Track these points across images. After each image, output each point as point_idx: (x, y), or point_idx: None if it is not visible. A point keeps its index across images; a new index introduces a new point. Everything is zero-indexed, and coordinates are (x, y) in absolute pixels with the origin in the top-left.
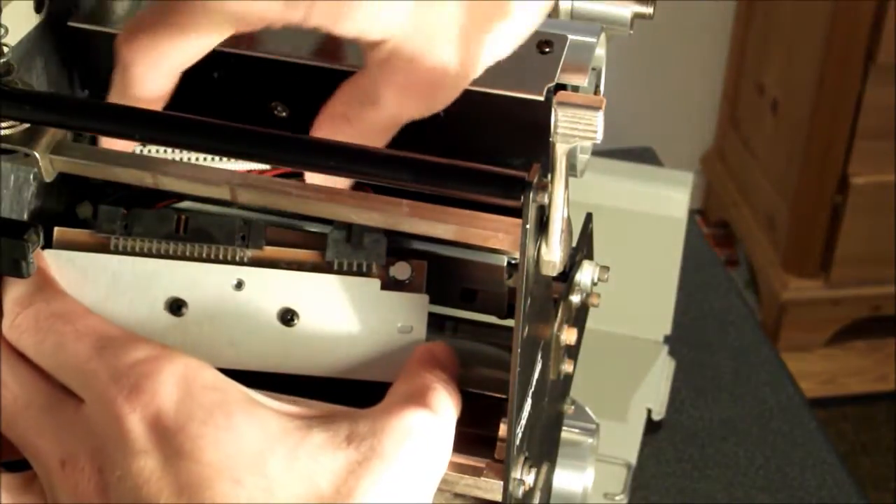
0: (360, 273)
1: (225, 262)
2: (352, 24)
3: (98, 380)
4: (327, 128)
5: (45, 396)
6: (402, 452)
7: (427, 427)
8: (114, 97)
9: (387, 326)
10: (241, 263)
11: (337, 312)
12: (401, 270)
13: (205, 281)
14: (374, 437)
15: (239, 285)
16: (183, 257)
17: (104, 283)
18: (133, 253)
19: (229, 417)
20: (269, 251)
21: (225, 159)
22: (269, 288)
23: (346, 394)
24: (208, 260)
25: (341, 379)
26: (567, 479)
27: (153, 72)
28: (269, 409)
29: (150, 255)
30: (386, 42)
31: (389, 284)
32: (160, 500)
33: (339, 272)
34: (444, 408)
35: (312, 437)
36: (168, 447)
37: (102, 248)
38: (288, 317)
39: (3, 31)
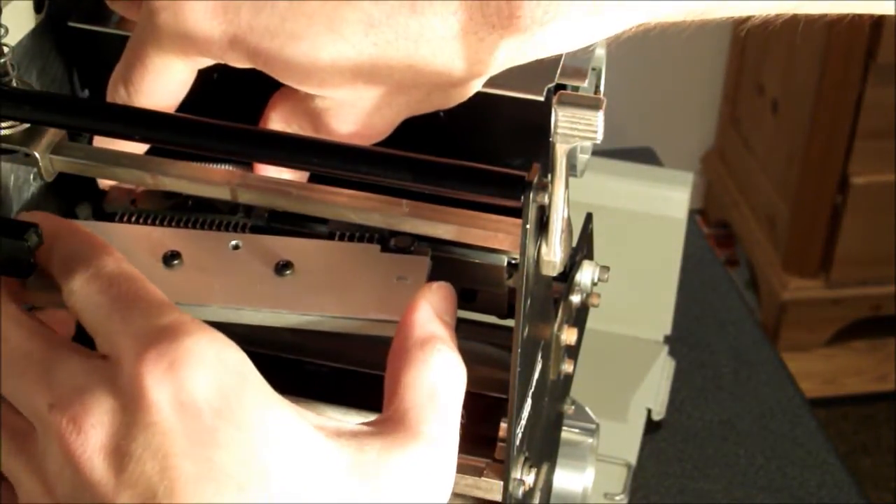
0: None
1: (226, 230)
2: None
3: (123, 344)
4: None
5: (41, 347)
6: (405, 496)
7: (431, 464)
8: None
9: (384, 278)
10: (242, 231)
11: (333, 269)
12: (402, 241)
13: (202, 241)
14: (376, 478)
15: (236, 247)
16: (186, 227)
17: None
18: (137, 222)
19: (244, 413)
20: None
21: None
22: (266, 248)
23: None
24: (210, 228)
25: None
26: (567, 479)
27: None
28: (282, 404)
29: (153, 224)
30: (337, 95)
31: (390, 251)
32: (163, 481)
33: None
34: (448, 435)
35: (318, 458)
36: (184, 429)
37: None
38: (282, 264)
39: (3, 31)
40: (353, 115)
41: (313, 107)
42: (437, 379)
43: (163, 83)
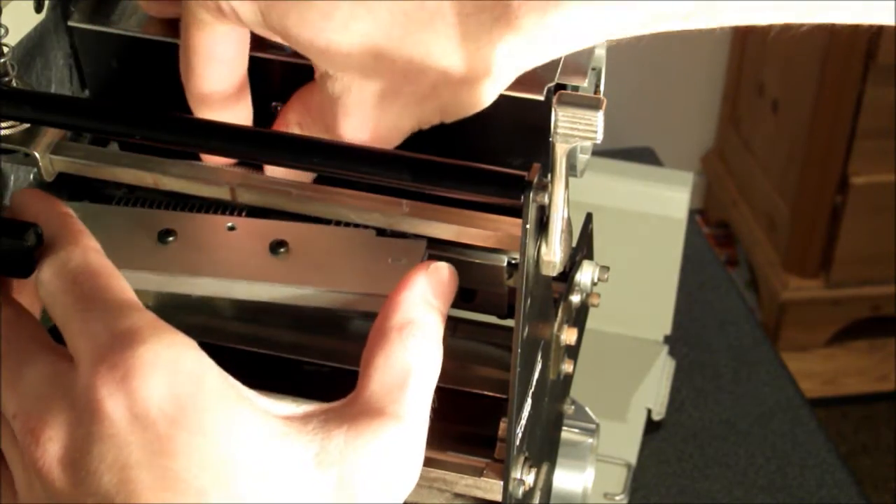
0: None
1: (223, 213)
2: (313, 34)
3: (82, 350)
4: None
5: (15, 348)
6: (370, 484)
7: (398, 445)
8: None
9: (379, 259)
10: (239, 214)
11: (328, 249)
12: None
13: (198, 221)
14: (342, 465)
15: (232, 228)
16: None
17: (96, 227)
18: (135, 206)
19: (201, 418)
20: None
21: None
22: (261, 230)
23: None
24: (208, 211)
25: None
26: (567, 479)
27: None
28: (243, 403)
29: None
30: (345, 77)
31: (386, 235)
32: (120, 493)
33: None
34: (416, 416)
35: (282, 452)
36: (139, 440)
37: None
38: (276, 243)
39: (3, 31)
40: (364, 109)
41: (330, 92)
42: (410, 362)
43: (212, 44)
